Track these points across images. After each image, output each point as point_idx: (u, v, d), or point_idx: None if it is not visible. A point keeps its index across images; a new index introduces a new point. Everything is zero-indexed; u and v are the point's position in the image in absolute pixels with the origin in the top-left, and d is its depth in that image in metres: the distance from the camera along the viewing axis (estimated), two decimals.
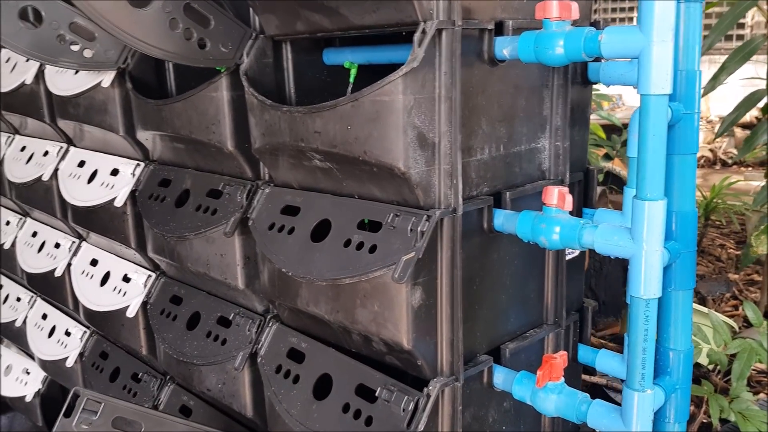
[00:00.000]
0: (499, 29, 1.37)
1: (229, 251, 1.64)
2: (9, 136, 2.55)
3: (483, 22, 1.32)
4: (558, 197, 1.33)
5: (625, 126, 4.26)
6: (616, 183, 5.75)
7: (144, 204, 1.85)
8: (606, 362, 1.62)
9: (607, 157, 4.89)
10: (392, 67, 1.25)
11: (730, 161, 8.07)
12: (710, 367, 2.56)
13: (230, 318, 1.73)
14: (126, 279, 2.06)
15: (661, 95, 1.18)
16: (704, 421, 2.37)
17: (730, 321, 2.82)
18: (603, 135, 4.81)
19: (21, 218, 2.62)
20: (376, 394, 1.37)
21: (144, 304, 1.98)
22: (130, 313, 1.97)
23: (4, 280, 2.83)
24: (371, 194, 1.38)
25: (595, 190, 1.76)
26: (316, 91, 1.61)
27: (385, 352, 1.42)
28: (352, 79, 1.61)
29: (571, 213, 1.65)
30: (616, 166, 5.78)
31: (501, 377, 1.49)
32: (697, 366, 2.60)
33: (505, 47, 1.34)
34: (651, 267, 1.23)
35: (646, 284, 1.24)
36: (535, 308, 1.63)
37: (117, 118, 1.87)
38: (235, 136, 1.58)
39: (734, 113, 3.04)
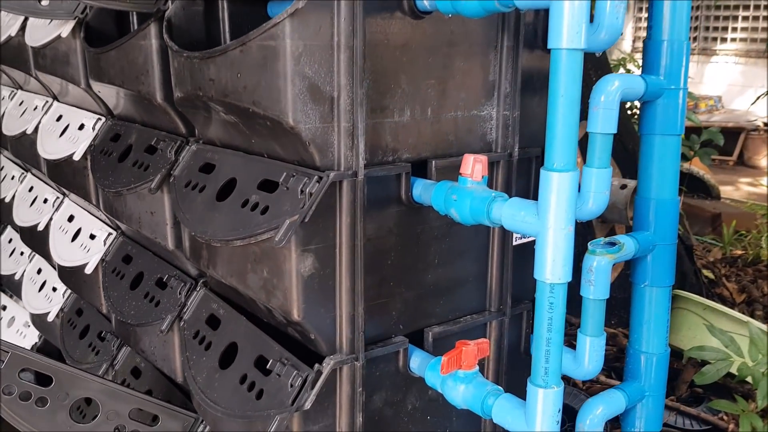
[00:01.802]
0: None
1: (159, 209, 1.58)
2: (12, 91, 2.58)
3: None
4: (471, 166, 1.20)
5: (705, 127, 3.98)
6: (693, 185, 5.29)
7: (95, 159, 1.81)
8: None
9: (684, 157, 4.56)
10: None
11: None
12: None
13: (165, 280, 1.67)
14: (92, 236, 2.04)
15: (573, 50, 1.03)
16: None
17: None
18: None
19: (22, 173, 2.66)
20: (268, 366, 1.28)
21: (102, 261, 1.95)
22: (88, 270, 1.95)
23: (13, 234, 2.88)
24: (275, 152, 1.28)
25: None
26: None
27: (285, 323, 1.33)
28: None
29: (526, 191, 1.52)
30: (694, 167, 5.33)
31: (417, 361, 1.37)
32: (735, 379, 2.37)
33: None
34: (558, 247, 1.09)
35: (552, 267, 1.10)
36: (475, 293, 1.49)
37: (78, 70, 1.83)
38: (164, 87, 1.50)
39: None
